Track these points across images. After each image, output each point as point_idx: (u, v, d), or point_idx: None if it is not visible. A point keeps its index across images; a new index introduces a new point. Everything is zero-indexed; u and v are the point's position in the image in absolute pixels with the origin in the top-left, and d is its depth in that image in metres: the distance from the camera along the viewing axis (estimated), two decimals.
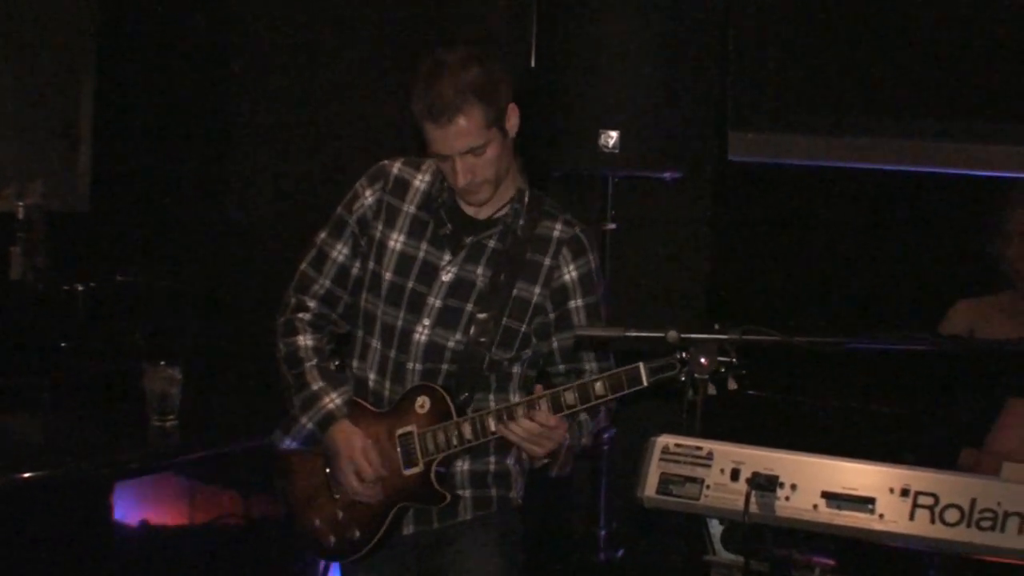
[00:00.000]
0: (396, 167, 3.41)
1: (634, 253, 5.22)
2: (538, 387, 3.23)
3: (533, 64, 5.47)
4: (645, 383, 3.03)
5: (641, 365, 3.03)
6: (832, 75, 5.00)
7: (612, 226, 4.88)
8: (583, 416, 3.31)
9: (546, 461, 3.28)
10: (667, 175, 4.81)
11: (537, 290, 3.31)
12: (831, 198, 5.16)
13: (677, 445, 2.57)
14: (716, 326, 2.78)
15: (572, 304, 3.33)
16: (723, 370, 2.74)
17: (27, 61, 6.59)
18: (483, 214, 3.34)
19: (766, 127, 5.12)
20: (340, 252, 3.42)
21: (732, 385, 2.78)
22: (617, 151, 4.58)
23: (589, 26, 4.63)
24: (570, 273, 3.32)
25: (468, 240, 3.32)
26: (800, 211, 5.23)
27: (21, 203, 5.80)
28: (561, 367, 3.41)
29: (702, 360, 2.70)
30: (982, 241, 4.16)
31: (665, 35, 4.67)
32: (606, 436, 4.88)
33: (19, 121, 6.58)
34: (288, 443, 3.46)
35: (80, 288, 5.69)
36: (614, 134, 4.57)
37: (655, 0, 4.69)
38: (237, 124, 6.59)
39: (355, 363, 3.45)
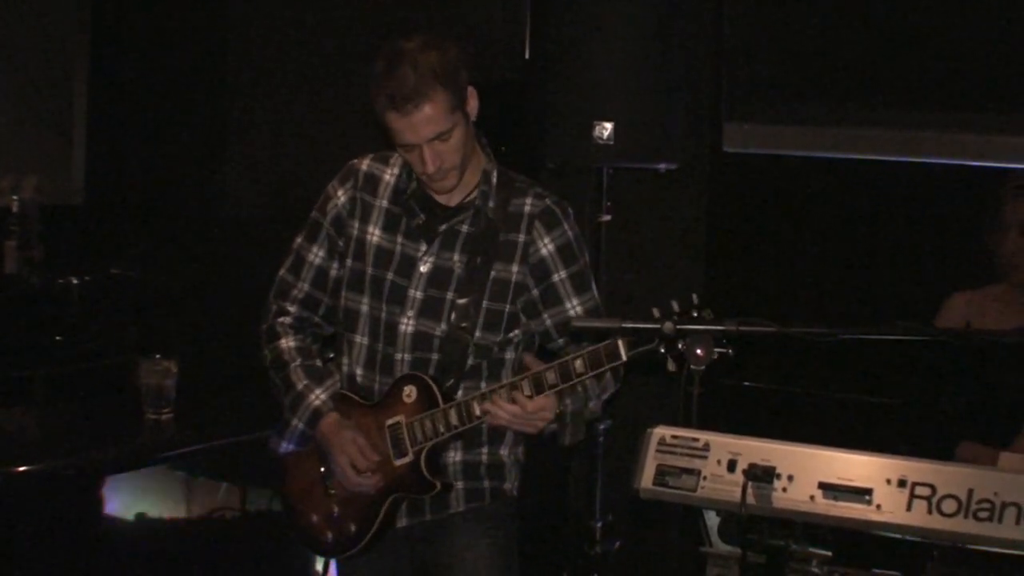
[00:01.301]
0: (365, 164, 3.43)
1: (629, 245, 5.22)
2: (527, 357, 3.23)
3: (527, 56, 5.46)
4: (624, 358, 3.04)
5: (619, 340, 3.03)
6: (827, 66, 4.99)
7: (607, 218, 4.86)
8: (587, 380, 3.31)
9: (554, 427, 3.24)
10: (662, 166, 4.79)
11: (515, 268, 3.31)
12: (826, 189, 5.15)
13: (674, 436, 2.56)
14: (694, 296, 2.78)
15: (556, 277, 3.33)
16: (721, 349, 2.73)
17: (21, 55, 6.58)
18: (453, 200, 3.34)
19: (761, 118, 5.12)
20: (316, 255, 3.44)
21: (713, 355, 2.76)
22: (612, 143, 4.56)
23: (583, 17, 4.62)
24: (546, 247, 3.32)
25: (441, 228, 3.32)
26: (795, 202, 5.23)
27: (16, 197, 5.81)
28: (560, 342, 3.40)
29: (698, 351, 2.70)
30: (978, 233, 4.16)
31: (660, 26, 4.65)
32: (601, 428, 4.88)
33: (13, 115, 6.58)
34: (285, 447, 3.47)
35: (75, 281, 5.69)
36: (609, 125, 4.55)
37: None
38: (232, 117, 6.58)
39: (344, 360, 3.46)
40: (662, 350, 2.88)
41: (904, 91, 4.84)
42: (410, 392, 3.30)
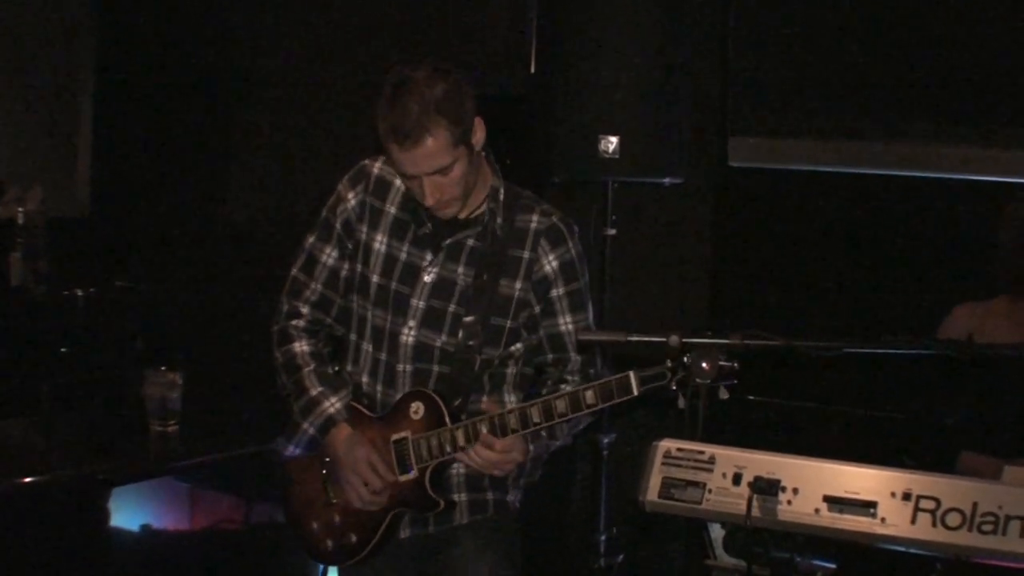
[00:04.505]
0: (377, 167, 3.39)
1: (634, 259, 5.23)
2: (483, 402, 3.25)
3: (533, 70, 5.47)
4: (635, 392, 3.02)
5: (632, 374, 3.02)
6: (832, 80, 5.00)
7: (612, 232, 4.87)
8: (534, 453, 3.33)
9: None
10: (667, 180, 4.81)
11: (519, 284, 3.31)
12: (831, 203, 5.16)
13: (679, 449, 2.57)
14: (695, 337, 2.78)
15: (554, 293, 3.33)
16: (724, 375, 2.74)
17: (26, 67, 6.60)
18: (461, 214, 3.32)
19: (766, 132, 5.13)
20: (329, 256, 3.42)
21: (724, 395, 2.78)
22: (617, 156, 4.58)
23: (588, 32, 4.63)
24: (550, 264, 3.32)
25: (447, 241, 3.32)
26: (800, 216, 5.23)
27: (21, 209, 5.80)
28: (549, 356, 3.40)
29: (704, 365, 2.70)
30: (991, 245, 4.16)
31: (665, 40, 4.67)
32: (606, 441, 4.88)
33: (19, 126, 6.59)
34: (292, 450, 3.46)
35: (80, 293, 5.68)
36: (614, 139, 4.57)
37: (654, 5, 4.69)
38: (237, 129, 6.60)
39: (349, 367, 3.45)
40: (673, 387, 2.89)
41: (909, 105, 4.85)
42: (417, 409, 3.29)
